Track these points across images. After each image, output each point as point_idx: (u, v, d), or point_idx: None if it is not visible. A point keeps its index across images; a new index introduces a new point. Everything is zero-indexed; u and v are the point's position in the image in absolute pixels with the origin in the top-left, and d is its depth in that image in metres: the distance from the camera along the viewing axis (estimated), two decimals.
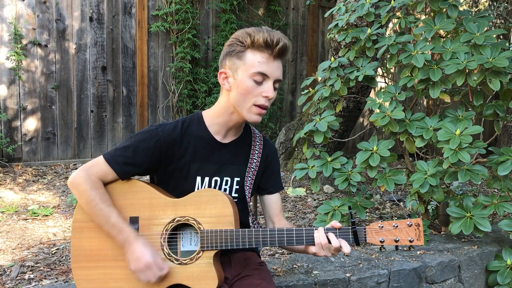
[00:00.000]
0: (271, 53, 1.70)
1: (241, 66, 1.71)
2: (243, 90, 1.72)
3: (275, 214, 1.96)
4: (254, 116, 1.75)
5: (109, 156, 1.74)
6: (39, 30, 5.32)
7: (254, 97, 1.72)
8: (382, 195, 4.47)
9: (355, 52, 3.08)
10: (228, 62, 1.75)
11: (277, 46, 1.68)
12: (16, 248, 2.91)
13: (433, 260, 2.61)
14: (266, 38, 1.68)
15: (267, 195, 1.97)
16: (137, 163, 1.74)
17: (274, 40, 1.68)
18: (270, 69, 1.71)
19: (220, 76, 1.78)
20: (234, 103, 1.75)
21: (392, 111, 2.72)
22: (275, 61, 1.72)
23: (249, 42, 1.69)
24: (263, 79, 1.71)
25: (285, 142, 5.22)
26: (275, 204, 1.97)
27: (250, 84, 1.71)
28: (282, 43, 1.69)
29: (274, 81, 1.73)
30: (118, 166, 1.72)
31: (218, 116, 1.82)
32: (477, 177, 2.57)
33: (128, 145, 1.75)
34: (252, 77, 1.70)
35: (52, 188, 4.52)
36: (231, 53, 1.74)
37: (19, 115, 5.27)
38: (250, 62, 1.70)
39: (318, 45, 7.11)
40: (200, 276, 1.69)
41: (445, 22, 2.73)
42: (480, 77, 2.58)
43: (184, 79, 5.95)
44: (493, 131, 2.93)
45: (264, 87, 1.72)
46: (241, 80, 1.72)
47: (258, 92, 1.71)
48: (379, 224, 1.68)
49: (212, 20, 6.26)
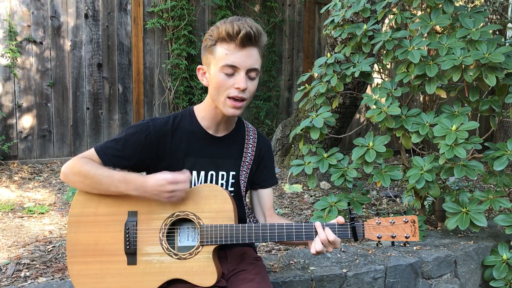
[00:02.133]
0: (236, 43, 1.66)
1: (212, 61, 1.72)
2: (215, 84, 1.71)
3: (267, 208, 1.97)
4: (230, 109, 1.73)
5: (99, 147, 1.75)
6: (34, 27, 5.29)
7: (226, 90, 1.70)
8: (379, 191, 4.47)
9: (351, 48, 3.08)
10: (203, 58, 1.77)
11: (238, 35, 1.65)
12: (12, 246, 2.90)
13: (430, 256, 2.62)
14: (227, 29, 1.65)
15: (261, 189, 1.97)
16: (126, 155, 1.74)
17: (235, 29, 1.64)
18: (238, 59, 1.68)
19: (199, 72, 1.80)
20: (212, 98, 1.76)
21: (388, 107, 2.72)
22: (243, 50, 1.68)
23: (216, 35, 1.69)
24: (234, 70, 1.69)
25: (282, 138, 5.22)
26: (268, 198, 1.97)
27: (221, 78, 1.69)
28: (245, 31, 1.65)
29: (247, 70, 1.69)
30: (106, 157, 1.72)
31: (206, 111, 1.82)
32: (473, 173, 2.57)
33: (119, 137, 1.76)
34: (222, 70, 1.69)
35: (48, 185, 4.51)
36: (205, 48, 1.75)
37: (14, 112, 5.25)
38: (219, 55, 1.69)
39: (315, 42, 7.10)
40: (199, 271, 1.69)
41: (441, 17, 2.73)
42: (476, 72, 2.58)
43: (180, 76, 5.94)
44: (489, 126, 2.93)
45: (235, 79, 1.69)
46: (213, 74, 1.71)
47: (230, 84, 1.69)
48: (377, 220, 1.72)
49: (208, 16, 6.25)
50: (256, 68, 1.73)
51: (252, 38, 1.67)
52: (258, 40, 1.70)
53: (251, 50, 1.69)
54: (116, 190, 1.67)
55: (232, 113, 1.73)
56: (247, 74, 1.70)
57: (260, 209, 1.98)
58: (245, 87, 1.69)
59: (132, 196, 1.72)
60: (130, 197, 1.73)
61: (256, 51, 1.71)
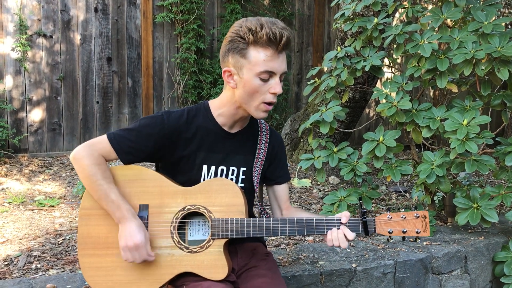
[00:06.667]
0: (275, 49, 1.64)
1: (246, 65, 1.66)
2: (250, 89, 1.68)
3: (283, 202, 1.98)
4: (262, 113, 1.73)
5: (112, 135, 1.73)
6: (44, 20, 5.31)
7: (262, 95, 1.69)
8: (388, 186, 4.45)
9: (361, 42, 3.06)
10: (232, 60, 1.69)
11: (281, 41, 1.63)
12: (23, 238, 2.92)
13: (440, 251, 2.60)
14: (269, 34, 1.61)
15: (276, 186, 1.97)
16: (138, 147, 1.73)
17: (278, 35, 1.61)
18: (276, 65, 1.66)
19: (225, 74, 1.73)
20: (241, 101, 1.72)
21: (398, 101, 2.70)
22: (280, 56, 1.67)
23: (252, 39, 1.63)
24: (270, 76, 1.67)
25: (291, 133, 5.21)
26: (283, 193, 1.98)
27: (257, 83, 1.67)
28: (286, 37, 1.63)
29: (281, 74, 1.70)
30: (119, 147, 1.72)
31: (224, 108, 1.80)
32: (484, 168, 2.55)
33: (132, 128, 1.74)
34: (259, 76, 1.66)
35: (58, 178, 4.54)
36: (233, 50, 1.68)
37: (25, 106, 5.28)
38: (255, 61, 1.64)
39: (324, 36, 7.06)
40: (210, 264, 1.69)
41: (452, 11, 2.70)
42: (488, 66, 2.55)
43: (189, 70, 5.93)
44: (500, 121, 2.91)
45: (271, 84, 1.68)
46: (247, 79, 1.67)
47: (266, 89, 1.68)
48: (388, 215, 1.71)
49: (217, 10, 6.23)
50: (287, 71, 1.74)
51: (289, 44, 1.67)
52: (291, 44, 1.71)
53: (284, 54, 1.70)
54: (104, 205, 1.69)
55: (262, 116, 1.74)
56: (280, 77, 1.70)
57: (276, 204, 1.99)
58: (281, 92, 1.69)
59: (143, 189, 1.73)
60: (141, 190, 1.73)
61: (285, 55, 1.72)
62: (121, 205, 1.66)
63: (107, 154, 1.72)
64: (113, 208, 1.67)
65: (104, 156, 1.72)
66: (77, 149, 1.71)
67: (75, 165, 1.70)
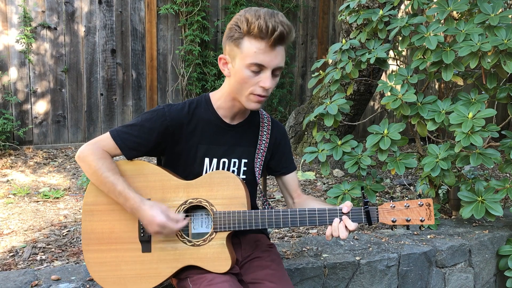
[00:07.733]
0: (267, 42, 1.60)
1: (238, 54, 1.64)
2: (239, 79, 1.66)
3: (293, 190, 1.97)
4: (253, 103, 1.70)
5: (115, 132, 1.74)
6: (48, 12, 5.30)
7: (251, 86, 1.66)
8: (393, 179, 4.44)
9: (366, 34, 3.03)
10: (228, 48, 1.68)
11: (273, 35, 1.58)
12: (28, 230, 2.94)
13: (444, 244, 2.60)
14: (261, 26, 1.57)
15: (283, 176, 1.97)
16: (141, 141, 1.73)
17: (270, 28, 1.57)
18: (267, 58, 1.62)
19: (220, 61, 1.73)
20: (233, 90, 1.72)
21: (403, 94, 2.68)
22: (273, 50, 1.62)
23: (246, 29, 1.60)
24: (260, 69, 1.63)
25: (295, 125, 5.20)
26: (292, 183, 1.98)
27: (246, 74, 1.64)
28: (279, 31, 1.58)
29: (273, 69, 1.65)
30: (123, 143, 1.73)
31: (224, 100, 1.79)
32: (490, 161, 2.53)
33: (134, 123, 1.75)
34: (249, 68, 1.63)
35: (63, 170, 4.56)
36: (230, 38, 1.66)
37: (29, 98, 5.29)
38: (246, 51, 1.62)
39: (329, 28, 7.02)
40: (213, 257, 1.69)
41: (458, 3, 2.67)
42: (494, 59, 2.53)
43: (193, 62, 5.92)
44: (506, 114, 2.89)
45: (261, 77, 1.64)
46: (238, 69, 1.65)
47: (255, 81, 1.65)
48: (391, 204, 1.68)
49: (222, 2, 6.20)
50: (282, 66, 1.69)
51: (284, 39, 1.62)
52: (289, 39, 1.65)
53: (280, 49, 1.64)
54: (114, 198, 1.69)
55: (254, 107, 1.72)
56: (273, 72, 1.66)
57: (287, 193, 1.99)
58: (270, 87, 1.66)
59: (145, 183, 1.73)
60: (143, 185, 1.74)
61: (283, 49, 1.67)
62: (127, 194, 1.66)
63: (111, 151, 1.73)
64: (122, 200, 1.67)
65: (108, 152, 1.73)
66: (81, 149, 1.72)
67: (81, 164, 1.71)
